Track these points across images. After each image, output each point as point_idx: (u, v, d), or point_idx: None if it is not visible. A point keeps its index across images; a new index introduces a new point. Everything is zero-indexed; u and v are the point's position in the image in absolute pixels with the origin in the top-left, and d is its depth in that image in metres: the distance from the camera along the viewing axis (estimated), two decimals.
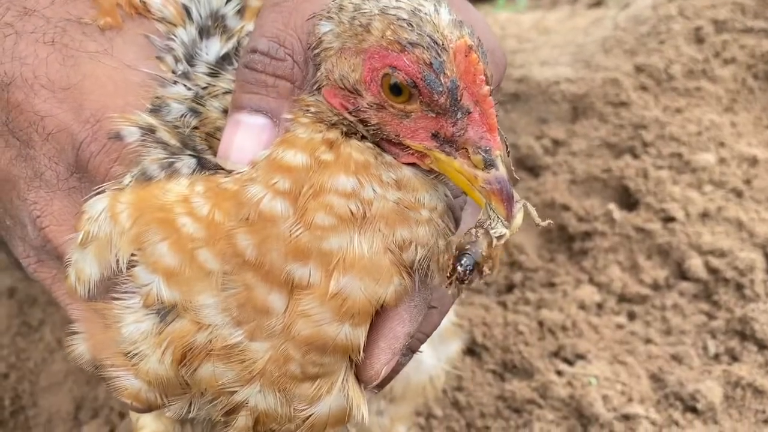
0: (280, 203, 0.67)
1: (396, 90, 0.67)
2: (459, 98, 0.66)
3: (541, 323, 1.54)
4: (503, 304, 1.58)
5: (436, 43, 0.65)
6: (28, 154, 0.73)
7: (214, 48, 0.79)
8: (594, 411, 1.39)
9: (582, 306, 1.56)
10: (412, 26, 0.66)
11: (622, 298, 1.59)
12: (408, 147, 0.70)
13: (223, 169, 0.72)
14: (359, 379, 0.74)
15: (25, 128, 0.73)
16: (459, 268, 0.66)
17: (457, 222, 0.74)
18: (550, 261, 1.64)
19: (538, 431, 1.40)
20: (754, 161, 1.73)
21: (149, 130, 0.73)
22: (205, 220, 0.68)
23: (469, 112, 0.66)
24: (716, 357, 1.51)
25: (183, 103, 0.75)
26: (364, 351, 0.72)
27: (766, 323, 1.51)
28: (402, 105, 0.67)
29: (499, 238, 0.67)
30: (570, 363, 1.49)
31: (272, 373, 0.70)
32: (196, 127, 0.75)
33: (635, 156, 1.73)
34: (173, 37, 0.79)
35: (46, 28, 0.75)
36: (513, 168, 0.73)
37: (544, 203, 1.69)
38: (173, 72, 0.77)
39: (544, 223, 0.71)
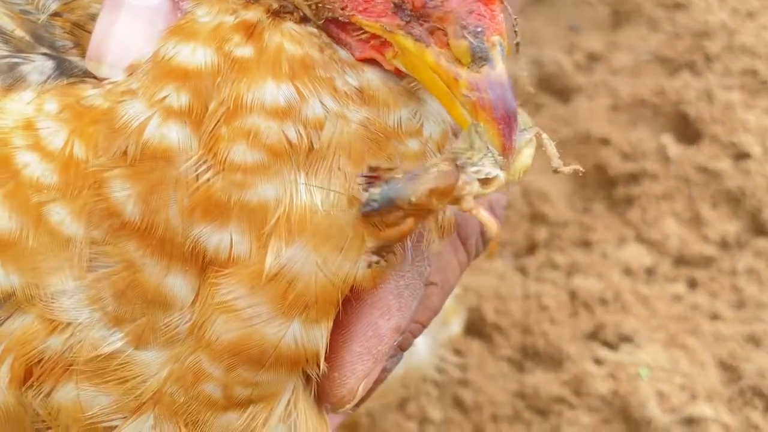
0: (176, 130, 0.54)
1: None
2: None
3: (573, 295, 1.39)
4: (522, 270, 1.44)
5: None
6: None
7: None
8: (646, 413, 1.25)
9: (627, 271, 1.41)
10: None
11: (680, 261, 1.43)
12: (362, 30, 0.55)
13: (93, 76, 0.59)
14: (322, 399, 0.61)
15: None
16: (362, 199, 0.51)
17: None
18: (584, 212, 1.50)
19: None
20: None
21: None
22: (59, 157, 0.56)
23: None
24: None
25: None
26: (327, 360, 0.58)
27: None
28: None
29: (485, 181, 0.50)
30: (612, 348, 1.34)
31: (174, 399, 0.57)
32: (57, 14, 0.63)
33: (696, 73, 1.56)
34: None
35: None
36: (531, 88, 0.62)
37: (576, 136, 1.53)
38: None
39: (567, 169, 0.55)
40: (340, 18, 0.55)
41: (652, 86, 1.55)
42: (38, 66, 0.59)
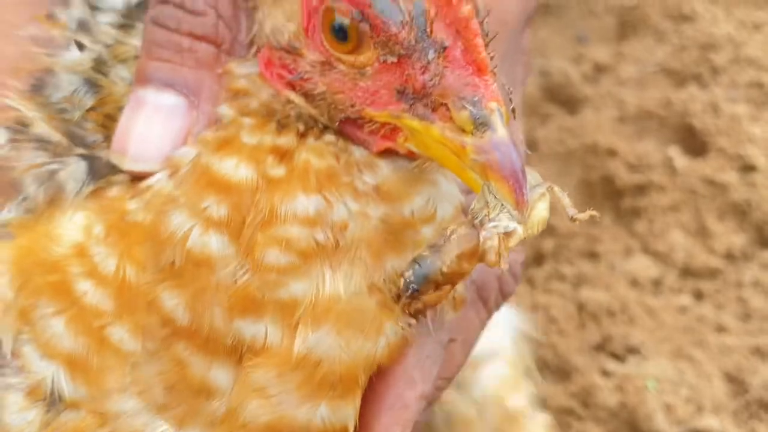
0: (216, 239, 0.59)
1: (340, 33, 0.57)
2: (428, 28, 0.55)
3: (580, 307, 1.39)
4: (530, 282, 1.44)
5: None
6: None
7: None
8: (653, 425, 1.26)
9: (634, 283, 1.42)
10: None
11: (687, 273, 1.44)
12: (373, 122, 0.60)
13: (119, 170, 0.64)
14: None
15: None
16: (401, 284, 0.57)
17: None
18: (591, 224, 1.50)
19: None
20: None
21: (21, 125, 0.66)
22: (113, 283, 0.60)
23: (445, 47, 0.55)
24: None
25: (77, 73, 0.67)
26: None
27: None
28: (352, 56, 0.58)
29: (505, 236, 0.53)
30: (619, 359, 1.35)
31: None
32: (92, 108, 0.66)
33: (702, 85, 1.57)
34: None
35: None
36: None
37: (583, 147, 1.53)
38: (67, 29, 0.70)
39: (583, 216, 0.57)
40: (351, 116, 0.59)
41: (658, 98, 1.56)
42: (73, 172, 0.63)
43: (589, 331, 1.35)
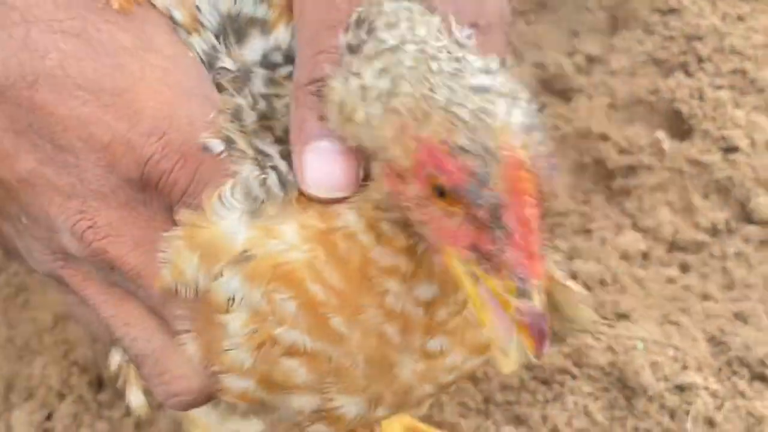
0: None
1: (440, 192, 0.68)
2: (499, 216, 0.66)
3: (574, 277, 1.43)
4: None
5: (488, 151, 0.66)
6: (67, 161, 0.74)
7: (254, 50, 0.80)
8: (641, 381, 1.30)
9: (624, 256, 1.47)
10: (467, 126, 0.66)
11: (674, 246, 1.48)
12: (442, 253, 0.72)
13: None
14: None
15: (59, 132, 0.73)
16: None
17: None
18: (584, 203, 1.54)
19: (572, 405, 1.30)
20: None
21: (229, 140, 0.75)
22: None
23: (510, 234, 0.66)
24: None
25: (252, 108, 0.77)
26: None
27: None
28: (446, 207, 0.68)
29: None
30: (610, 324, 1.39)
31: None
32: (268, 126, 0.77)
33: (688, 74, 1.61)
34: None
35: (58, 13, 0.74)
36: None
37: (577, 133, 1.58)
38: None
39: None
40: (431, 241, 0.70)
41: (647, 86, 1.59)
42: (273, 179, 0.73)
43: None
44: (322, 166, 0.72)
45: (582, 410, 1.29)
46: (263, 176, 0.74)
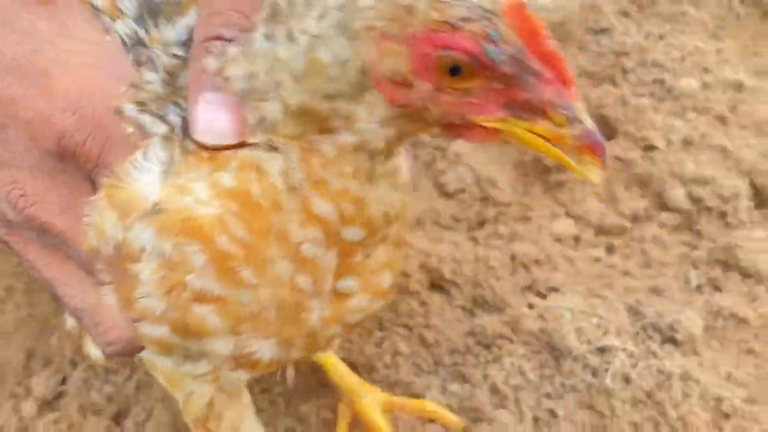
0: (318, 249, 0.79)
1: (455, 71, 0.65)
2: (524, 62, 0.65)
3: (513, 257, 1.55)
4: (474, 240, 1.60)
5: (487, 10, 0.64)
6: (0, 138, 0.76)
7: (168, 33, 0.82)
8: (567, 344, 1.41)
9: (557, 239, 1.58)
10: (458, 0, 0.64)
11: (600, 231, 1.60)
12: (479, 125, 0.69)
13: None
14: None
15: None
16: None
17: None
18: (524, 195, 1.65)
19: (509, 366, 1.42)
20: (740, 87, 1.74)
21: (140, 109, 0.77)
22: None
23: (540, 74, 0.65)
24: (698, 288, 1.53)
25: (164, 81, 0.79)
26: None
27: (750, 251, 1.52)
28: (463, 85, 0.66)
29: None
30: (543, 296, 1.51)
31: None
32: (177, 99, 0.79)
33: (615, 84, 1.74)
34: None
35: None
36: None
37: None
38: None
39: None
40: (457, 122, 0.68)
41: (579, 95, 1.74)
42: (187, 143, 0.75)
43: (519, 276, 1.51)
44: (208, 116, 0.73)
45: (517, 370, 1.41)
46: (174, 138, 0.76)
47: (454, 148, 1.72)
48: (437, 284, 1.54)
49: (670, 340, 1.45)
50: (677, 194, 1.60)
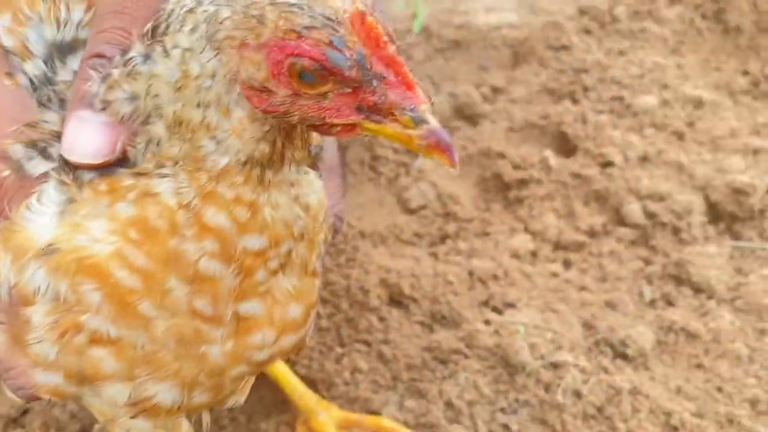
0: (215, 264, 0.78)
1: (306, 77, 0.69)
2: (369, 67, 0.69)
3: (471, 273, 1.57)
4: (434, 255, 1.62)
5: (330, 19, 0.67)
6: None
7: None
8: (520, 359, 1.44)
9: (515, 255, 1.61)
10: (302, 9, 0.68)
11: (558, 246, 1.63)
12: (337, 125, 0.73)
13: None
14: None
15: None
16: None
17: None
18: (485, 210, 1.68)
19: (464, 381, 1.44)
20: (699, 103, 1.76)
21: (33, 148, 0.77)
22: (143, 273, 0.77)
23: (384, 77, 0.69)
24: (652, 302, 1.55)
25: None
26: None
27: (701, 266, 1.54)
28: (315, 89, 0.70)
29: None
30: (499, 312, 1.53)
31: None
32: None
33: (575, 101, 1.77)
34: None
35: None
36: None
37: (480, 152, 1.73)
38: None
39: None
40: (319, 124, 0.73)
41: (540, 112, 1.73)
42: (80, 179, 0.76)
43: (477, 291, 1.53)
44: (77, 134, 0.73)
45: (472, 385, 1.42)
46: (67, 178, 0.76)
47: (418, 164, 1.75)
48: (396, 299, 1.56)
49: (621, 355, 1.47)
50: (634, 210, 1.62)
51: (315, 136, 0.82)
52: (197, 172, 0.74)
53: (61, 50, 0.84)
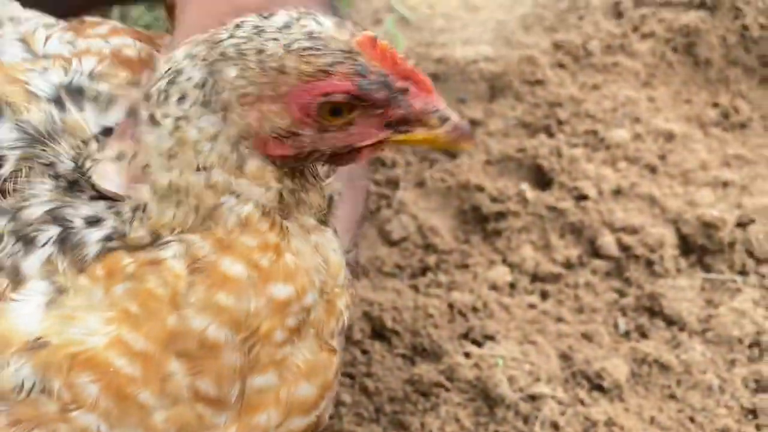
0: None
1: (337, 112, 0.73)
2: (392, 85, 0.73)
3: (451, 305, 1.59)
4: (415, 288, 1.63)
5: (347, 51, 0.71)
6: None
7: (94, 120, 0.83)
8: (499, 392, 1.46)
9: (494, 287, 1.62)
10: (319, 49, 0.71)
11: (535, 278, 1.65)
12: (362, 148, 0.77)
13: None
14: None
15: None
16: None
17: None
18: (464, 242, 1.70)
19: (445, 414, 1.46)
20: (670, 136, 1.79)
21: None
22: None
23: (407, 90, 0.74)
24: (626, 334, 1.58)
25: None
26: None
27: (674, 299, 1.57)
28: (343, 119, 0.73)
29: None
30: (479, 344, 1.55)
31: None
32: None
33: (550, 135, 1.78)
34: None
35: None
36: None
37: (459, 184, 1.74)
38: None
39: None
40: (344, 152, 0.77)
41: (516, 145, 1.75)
42: (71, 261, 0.76)
43: (457, 323, 1.55)
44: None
45: (453, 417, 1.44)
46: (61, 264, 0.74)
47: (399, 196, 1.77)
48: (379, 332, 1.57)
49: (597, 387, 1.49)
50: (608, 242, 1.65)
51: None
52: (210, 229, 0.73)
53: (72, 92, 0.86)
